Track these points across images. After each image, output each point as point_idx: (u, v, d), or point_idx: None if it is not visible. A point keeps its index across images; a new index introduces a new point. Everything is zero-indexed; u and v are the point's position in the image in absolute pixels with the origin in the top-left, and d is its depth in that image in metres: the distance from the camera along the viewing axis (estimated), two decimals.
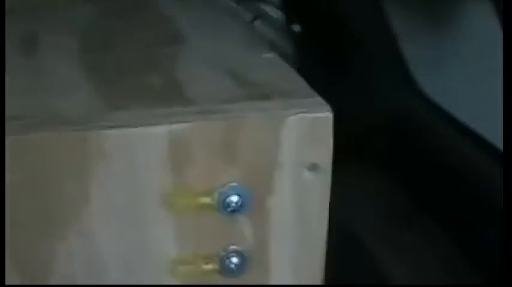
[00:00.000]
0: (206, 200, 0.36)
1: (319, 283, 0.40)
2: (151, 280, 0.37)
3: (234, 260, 0.38)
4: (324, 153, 0.37)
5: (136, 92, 0.39)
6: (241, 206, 0.36)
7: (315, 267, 0.40)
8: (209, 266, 0.37)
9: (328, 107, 0.37)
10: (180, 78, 0.40)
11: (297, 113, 0.36)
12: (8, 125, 0.33)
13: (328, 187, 0.38)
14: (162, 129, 0.35)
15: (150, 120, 0.35)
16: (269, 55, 0.45)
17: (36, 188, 0.34)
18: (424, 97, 0.77)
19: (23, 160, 0.33)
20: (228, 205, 0.36)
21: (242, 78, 0.40)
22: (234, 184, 0.36)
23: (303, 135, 0.37)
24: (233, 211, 0.36)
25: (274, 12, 0.88)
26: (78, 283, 0.36)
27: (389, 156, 0.78)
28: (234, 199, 0.36)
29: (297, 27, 0.88)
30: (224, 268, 0.38)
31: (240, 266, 0.38)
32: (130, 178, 0.35)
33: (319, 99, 0.38)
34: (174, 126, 0.35)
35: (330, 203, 0.38)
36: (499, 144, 0.56)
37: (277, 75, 0.41)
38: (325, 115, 0.37)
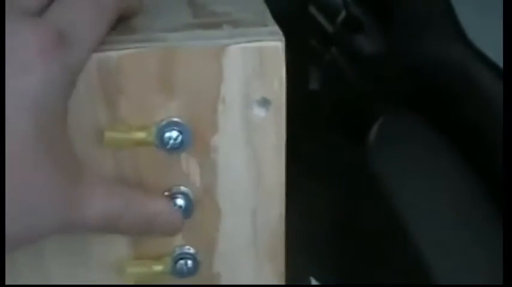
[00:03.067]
0: (142, 135, 0.33)
1: (281, 230, 0.37)
2: None
3: (179, 201, 0.35)
4: (275, 87, 0.34)
5: None
6: (181, 143, 0.34)
7: (274, 212, 0.37)
8: None
9: (279, 36, 0.33)
10: None
11: (240, 43, 0.33)
12: None
13: (283, 125, 0.35)
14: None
15: None
16: None
17: None
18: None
19: None
20: (167, 141, 0.34)
21: (201, 8, 0.37)
22: (174, 119, 0.34)
23: (249, 67, 0.33)
24: (173, 148, 0.34)
25: None
26: None
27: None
28: (173, 134, 0.33)
29: None
30: None
31: (186, 208, 0.35)
32: None
33: (273, 28, 0.34)
34: (102, 54, 0.32)
35: None
36: None
37: (242, 6, 0.37)
38: (274, 45, 0.33)
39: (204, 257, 0.37)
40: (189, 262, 0.37)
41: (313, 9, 1.05)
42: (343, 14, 0.95)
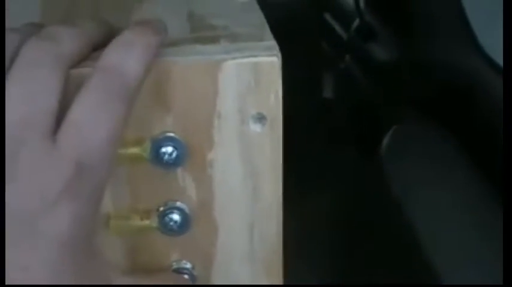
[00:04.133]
0: (136, 150, 0.33)
1: (278, 245, 0.37)
2: None
3: (175, 217, 0.35)
4: (271, 102, 0.33)
5: None
6: (177, 158, 0.34)
7: (271, 227, 0.36)
8: (145, 222, 0.35)
9: (275, 51, 0.33)
10: (134, 19, 0.37)
11: (236, 58, 0.32)
12: None
13: (280, 140, 0.34)
14: (87, 71, 0.32)
15: None
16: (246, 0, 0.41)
17: None
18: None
19: None
20: (162, 156, 0.33)
21: (199, 21, 0.37)
22: (169, 134, 0.33)
23: (244, 83, 0.33)
24: (168, 164, 0.34)
25: None
26: None
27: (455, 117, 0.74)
28: (168, 149, 0.33)
29: None
30: (163, 225, 0.35)
31: (182, 224, 0.35)
32: None
33: (269, 43, 0.34)
34: None
35: None
36: None
37: (241, 20, 0.37)
38: (270, 60, 0.33)
39: (201, 272, 0.37)
40: (186, 277, 0.36)
41: (328, 17, 1.05)
42: (357, 21, 0.95)
